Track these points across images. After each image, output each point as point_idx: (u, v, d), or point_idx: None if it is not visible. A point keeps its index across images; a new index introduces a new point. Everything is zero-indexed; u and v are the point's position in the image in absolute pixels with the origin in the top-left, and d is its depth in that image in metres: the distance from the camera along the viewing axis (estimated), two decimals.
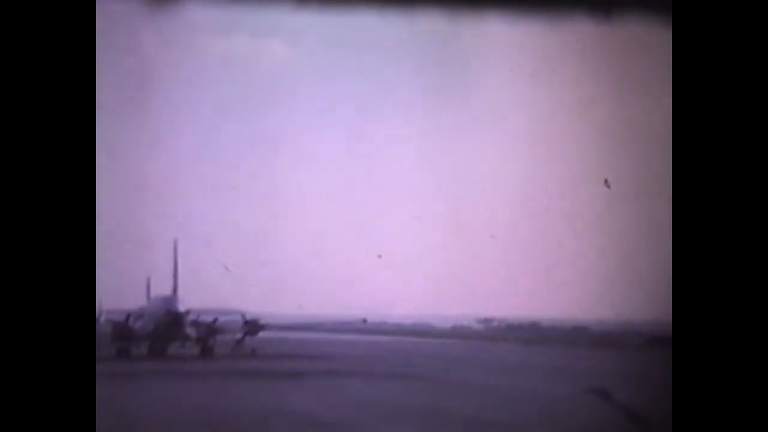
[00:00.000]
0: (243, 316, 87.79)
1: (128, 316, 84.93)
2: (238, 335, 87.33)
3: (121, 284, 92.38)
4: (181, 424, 37.84)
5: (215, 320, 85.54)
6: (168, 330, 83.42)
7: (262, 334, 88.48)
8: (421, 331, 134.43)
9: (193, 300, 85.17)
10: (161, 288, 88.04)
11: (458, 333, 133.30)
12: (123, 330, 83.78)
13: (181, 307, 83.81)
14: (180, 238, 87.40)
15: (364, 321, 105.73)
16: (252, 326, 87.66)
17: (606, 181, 78.25)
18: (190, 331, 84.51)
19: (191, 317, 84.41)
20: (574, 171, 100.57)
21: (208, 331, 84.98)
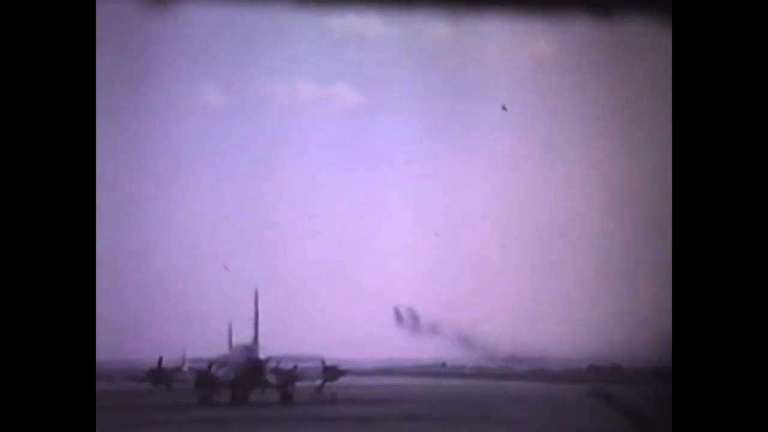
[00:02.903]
0: (323, 362, 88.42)
1: (211, 364, 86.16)
2: (318, 381, 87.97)
3: (204, 333, 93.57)
4: None
5: (295, 367, 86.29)
6: (249, 377, 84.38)
7: (342, 380, 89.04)
8: (499, 374, 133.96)
9: (273, 347, 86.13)
10: (242, 336, 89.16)
11: (536, 376, 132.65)
12: (206, 378, 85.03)
13: (262, 355, 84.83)
14: (260, 286, 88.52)
15: (443, 365, 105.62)
16: (332, 372, 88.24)
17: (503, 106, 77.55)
18: (271, 378, 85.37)
19: (271, 365, 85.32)
20: (573, 171, 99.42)
21: (288, 378, 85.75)
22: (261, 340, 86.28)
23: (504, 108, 78.14)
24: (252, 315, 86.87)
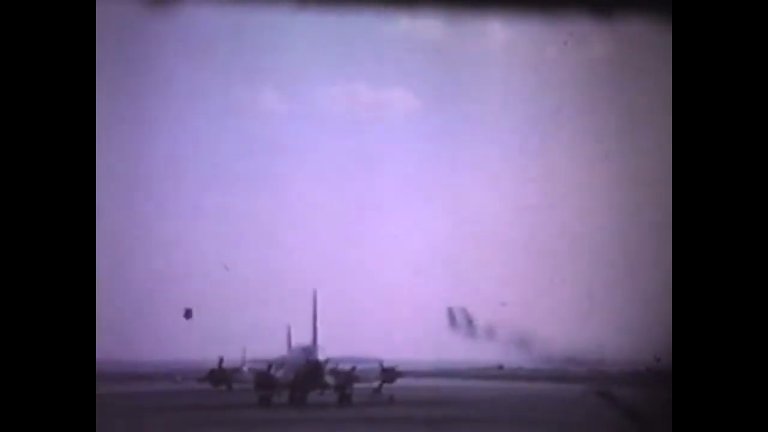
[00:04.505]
0: (380, 363, 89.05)
1: (270, 365, 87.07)
2: (376, 383, 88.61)
3: (263, 334, 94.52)
4: None
5: (353, 368, 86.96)
6: (308, 378, 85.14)
7: (399, 381, 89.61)
8: (555, 377, 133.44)
9: (332, 348, 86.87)
10: (301, 337, 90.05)
11: (594, 378, 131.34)
12: (265, 379, 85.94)
13: (321, 356, 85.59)
14: (318, 288, 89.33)
15: (500, 367, 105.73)
16: (389, 374, 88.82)
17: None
18: (329, 380, 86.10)
19: (330, 366, 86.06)
20: (573, 172, 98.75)
21: (347, 379, 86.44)
22: (319, 342, 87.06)
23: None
24: (311, 317, 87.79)
